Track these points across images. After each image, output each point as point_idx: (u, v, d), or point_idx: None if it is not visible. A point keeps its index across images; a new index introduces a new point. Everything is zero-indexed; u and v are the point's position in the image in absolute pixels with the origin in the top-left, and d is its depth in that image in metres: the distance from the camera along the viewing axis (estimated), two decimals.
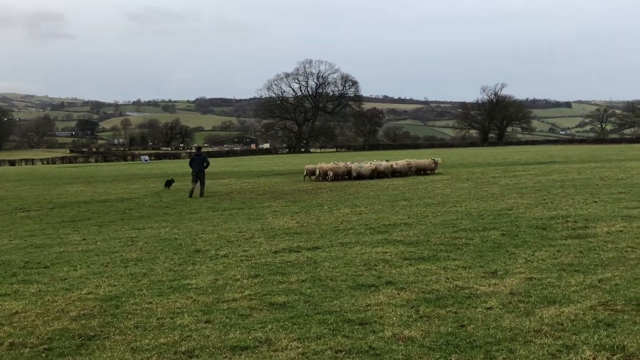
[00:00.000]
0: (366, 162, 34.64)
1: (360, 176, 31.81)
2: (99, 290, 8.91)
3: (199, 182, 26.14)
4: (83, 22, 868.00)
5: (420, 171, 33.38)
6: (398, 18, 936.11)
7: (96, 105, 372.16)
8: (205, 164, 26.58)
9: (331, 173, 32.05)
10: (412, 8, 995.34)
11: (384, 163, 33.55)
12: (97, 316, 7.52)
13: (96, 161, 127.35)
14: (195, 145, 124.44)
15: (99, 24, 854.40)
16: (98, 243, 13.76)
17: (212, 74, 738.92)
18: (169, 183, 32.59)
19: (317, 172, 32.82)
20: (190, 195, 25.40)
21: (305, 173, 34.00)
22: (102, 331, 6.90)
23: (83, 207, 23.26)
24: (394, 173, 32.74)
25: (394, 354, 5.74)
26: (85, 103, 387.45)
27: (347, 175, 32.43)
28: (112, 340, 6.59)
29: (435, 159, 34.74)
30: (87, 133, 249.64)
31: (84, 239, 14.49)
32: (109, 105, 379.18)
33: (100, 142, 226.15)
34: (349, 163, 33.98)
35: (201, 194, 25.73)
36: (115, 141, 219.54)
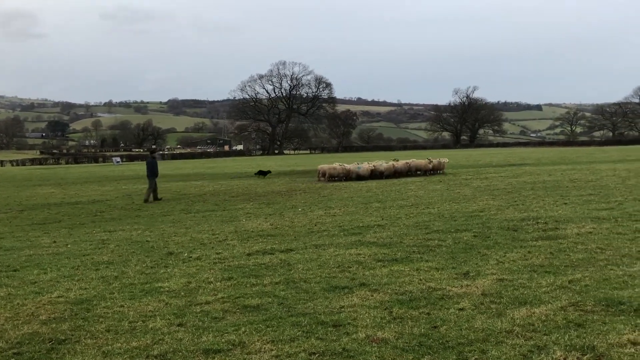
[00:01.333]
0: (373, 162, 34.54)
1: (358, 177, 31.67)
2: (69, 293, 8.81)
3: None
4: (54, 22, 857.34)
5: (418, 171, 33.40)
6: (372, 20, 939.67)
7: (67, 106, 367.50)
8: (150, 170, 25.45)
9: (327, 174, 32.02)
10: (385, 11, 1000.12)
11: (385, 164, 33.42)
12: (68, 320, 7.43)
13: (67, 163, 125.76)
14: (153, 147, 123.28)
15: (70, 23, 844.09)
16: (69, 246, 13.59)
17: (185, 75, 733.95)
18: (263, 173, 37.00)
19: (319, 173, 32.77)
20: (157, 198, 24.88)
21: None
22: (72, 335, 6.82)
23: (53, 210, 22.96)
24: (396, 173, 32.63)
25: (367, 356, 5.75)
26: (56, 104, 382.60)
27: (344, 176, 32.10)
28: (83, 344, 6.51)
29: (441, 160, 34.73)
30: (57, 134, 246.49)
31: (54, 242, 14.31)
32: (80, 106, 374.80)
33: (71, 143, 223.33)
34: (355, 164, 33.78)
35: (144, 199, 24.83)
36: (87, 142, 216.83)
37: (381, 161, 35.27)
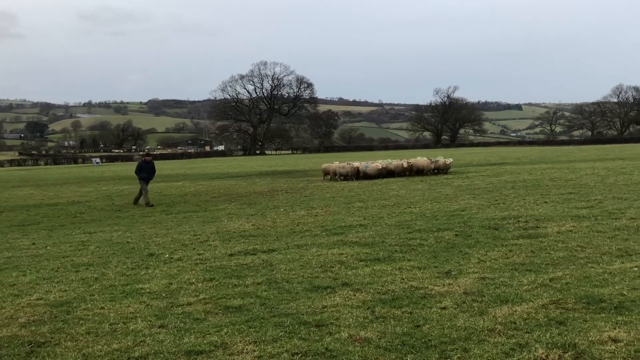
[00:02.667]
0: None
1: (366, 176, 31.13)
2: (49, 295, 8.71)
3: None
4: (34, 22, 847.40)
5: (421, 171, 32.48)
6: (353, 21, 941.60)
7: (46, 107, 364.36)
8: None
9: (337, 173, 31.49)
10: (366, 12, 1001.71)
11: (394, 162, 32.72)
12: (48, 322, 7.34)
13: (46, 164, 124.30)
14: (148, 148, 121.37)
15: (50, 23, 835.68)
16: (48, 247, 13.45)
17: (165, 75, 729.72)
18: None
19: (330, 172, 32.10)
20: (136, 202, 23.54)
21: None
22: (52, 337, 6.74)
23: (32, 211, 22.71)
24: (402, 173, 31.90)
25: (350, 355, 5.74)
26: (35, 104, 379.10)
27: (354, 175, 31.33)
28: (63, 346, 6.44)
29: (446, 160, 33.53)
30: (36, 135, 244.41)
31: (34, 244, 14.14)
32: (59, 106, 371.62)
33: (50, 144, 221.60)
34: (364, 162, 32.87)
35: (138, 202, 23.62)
36: (66, 143, 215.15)
37: (388, 160, 34.29)
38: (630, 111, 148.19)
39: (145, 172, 23.69)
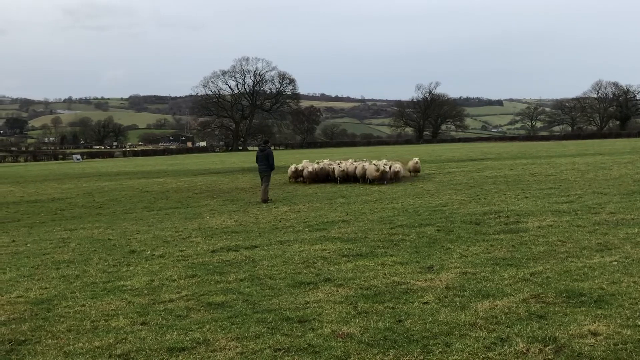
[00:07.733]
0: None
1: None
2: (29, 293, 8.64)
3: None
4: (15, 17, 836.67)
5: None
6: (335, 17, 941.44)
7: (25, 103, 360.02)
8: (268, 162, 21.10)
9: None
10: (348, 7, 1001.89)
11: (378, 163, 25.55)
12: (28, 320, 7.29)
13: (26, 160, 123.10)
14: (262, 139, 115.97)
15: (32, 18, 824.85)
16: (28, 245, 13.33)
17: (146, 70, 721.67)
18: None
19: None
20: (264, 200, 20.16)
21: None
22: (33, 335, 6.69)
23: (12, 208, 22.49)
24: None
25: (332, 351, 5.76)
26: (14, 100, 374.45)
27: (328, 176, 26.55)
28: (44, 344, 6.39)
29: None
30: (16, 132, 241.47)
31: (14, 241, 14.01)
32: (39, 102, 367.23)
33: (30, 141, 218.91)
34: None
35: (264, 198, 20.22)
36: (46, 140, 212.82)
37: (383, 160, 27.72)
38: (610, 107, 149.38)
39: None
